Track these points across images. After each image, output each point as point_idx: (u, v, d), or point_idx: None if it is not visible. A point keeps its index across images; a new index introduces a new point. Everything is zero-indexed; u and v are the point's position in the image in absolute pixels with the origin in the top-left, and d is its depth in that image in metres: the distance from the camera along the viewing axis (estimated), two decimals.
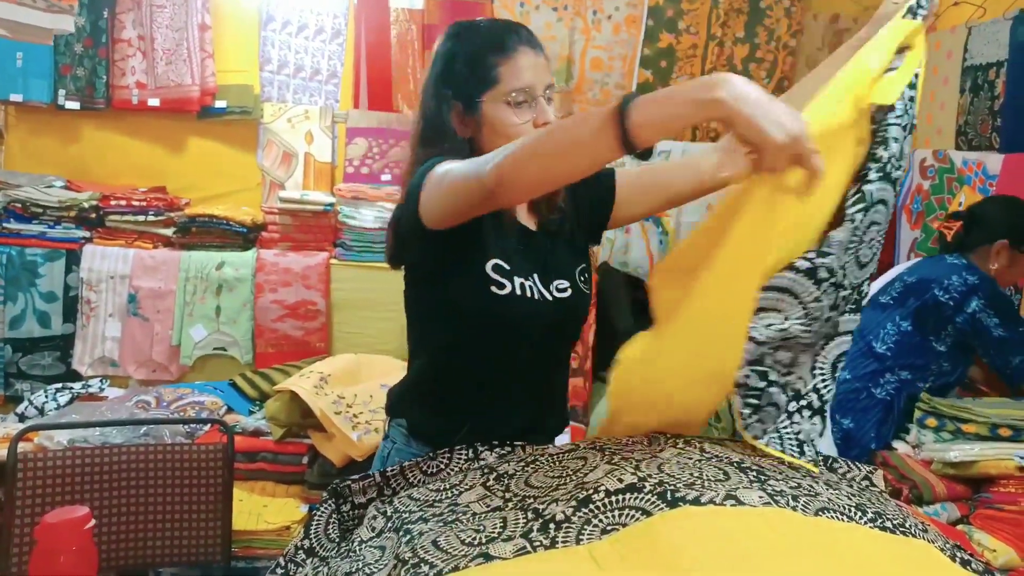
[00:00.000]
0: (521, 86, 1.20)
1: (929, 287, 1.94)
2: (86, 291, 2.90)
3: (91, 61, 3.12)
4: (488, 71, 1.20)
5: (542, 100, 1.21)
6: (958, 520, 1.58)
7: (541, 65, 1.22)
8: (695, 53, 3.37)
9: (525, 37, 1.23)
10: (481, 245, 1.21)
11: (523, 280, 1.22)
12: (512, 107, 1.20)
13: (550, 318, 1.25)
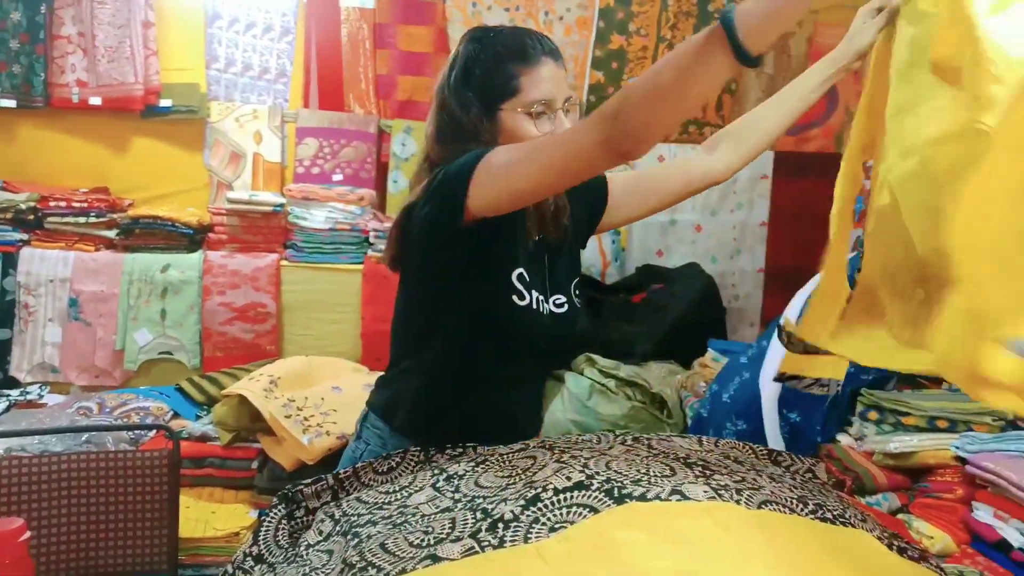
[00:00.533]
0: (541, 97, 1.20)
1: None
2: (24, 295, 2.81)
3: (28, 58, 3.02)
4: (509, 80, 1.20)
5: (561, 113, 1.21)
6: (898, 509, 1.62)
7: (561, 77, 1.22)
8: (645, 55, 3.41)
9: (548, 48, 1.23)
10: (511, 252, 1.21)
11: (537, 294, 1.23)
12: (532, 118, 1.20)
13: (551, 332, 1.26)
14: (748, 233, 3.52)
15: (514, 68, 1.20)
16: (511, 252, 1.21)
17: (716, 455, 1.14)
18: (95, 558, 1.82)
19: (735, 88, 3.48)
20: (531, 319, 1.22)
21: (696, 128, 3.51)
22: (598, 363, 2.83)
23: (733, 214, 3.50)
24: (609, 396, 2.75)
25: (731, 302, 3.47)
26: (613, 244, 3.44)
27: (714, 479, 0.97)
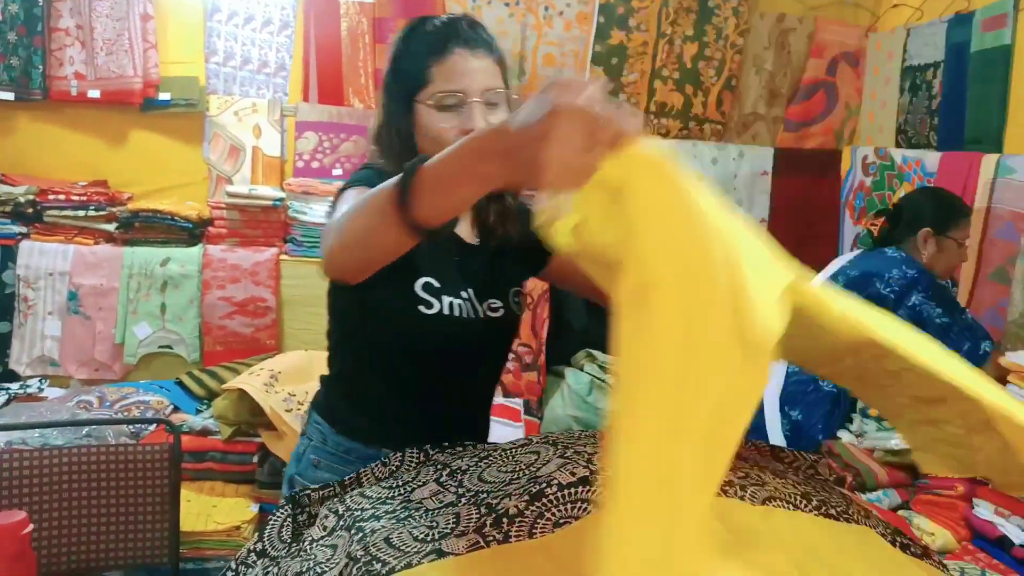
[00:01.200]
0: (449, 89, 1.15)
1: (871, 281, 1.97)
2: (23, 288, 2.80)
3: (26, 50, 3.01)
4: (422, 71, 1.17)
5: (475, 106, 1.15)
6: (899, 506, 1.63)
7: (482, 69, 1.16)
8: (645, 50, 3.41)
9: (467, 38, 1.17)
10: (412, 262, 1.16)
11: (452, 299, 1.19)
12: (438, 110, 1.16)
13: (480, 337, 1.23)
14: None
15: (428, 59, 1.16)
16: (411, 261, 1.14)
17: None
18: (96, 551, 1.82)
19: (735, 85, 3.48)
20: (443, 327, 1.18)
21: (697, 125, 3.51)
22: (598, 359, 2.84)
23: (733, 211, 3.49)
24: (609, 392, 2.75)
25: None
26: None
27: None
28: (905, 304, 1.93)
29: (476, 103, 1.15)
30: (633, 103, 3.45)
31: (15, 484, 1.77)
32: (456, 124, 1.16)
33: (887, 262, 2.01)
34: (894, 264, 1.98)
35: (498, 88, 1.18)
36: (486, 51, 1.18)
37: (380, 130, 1.24)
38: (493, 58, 1.19)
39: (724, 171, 3.45)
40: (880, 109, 3.27)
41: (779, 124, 3.57)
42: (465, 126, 1.15)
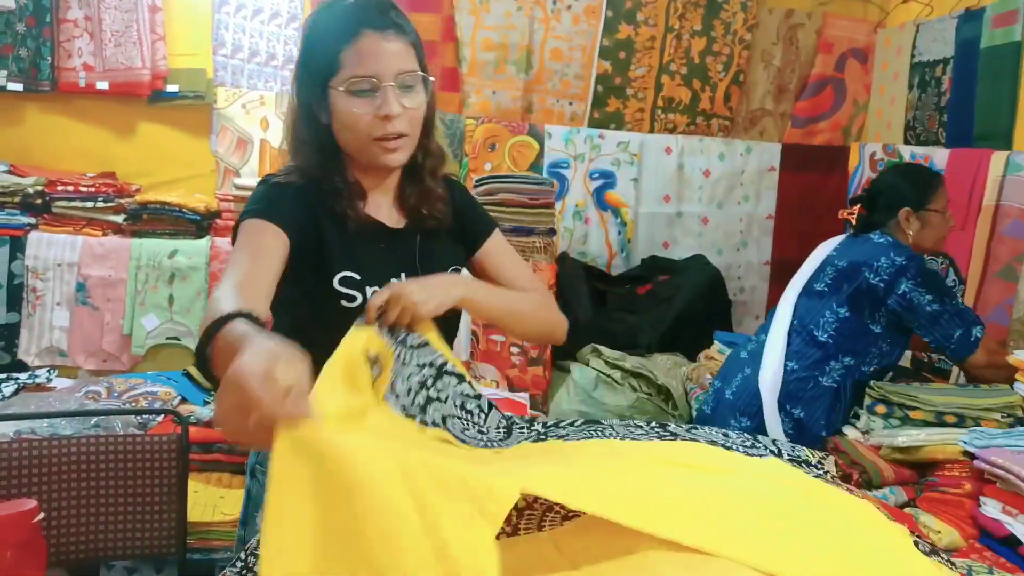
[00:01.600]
0: (362, 73, 1.12)
1: (860, 271, 1.94)
2: (32, 279, 2.81)
3: (35, 41, 3.01)
4: (334, 56, 1.14)
5: (388, 89, 1.12)
6: (905, 503, 1.62)
7: (395, 51, 1.14)
8: (653, 45, 3.40)
9: (374, 19, 1.14)
10: (326, 259, 1.16)
11: (378, 287, 1.15)
12: (352, 95, 1.13)
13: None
14: (755, 225, 3.52)
15: (338, 44, 1.14)
16: (326, 258, 1.16)
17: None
18: (104, 540, 1.83)
19: (742, 81, 3.47)
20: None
21: (704, 120, 3.50)
22: (603, 354, 2.84)
23: (740, 206, 3.49)
24: (615, 387, 2.75)
25: (737, 294, 3.47)
26: (619, 235, 3.44)
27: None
28: (895, 292, 1.89)
29: (390, 87, 1.13)
30: (640, 97, 3.44)
31: (24, 473, 1.77)
32: (370, 110, 1.13)
33: (874, 249, 1.97)
34: (881, 251, 1.95)
35: (412, 71, 1.15)
36: (397, 33, 1.15)
37: (294, 122, 1.21)
38: (406, 40, 1.16)
39: (731, 166, 3.45)
40: (889, 105, 3.26)
41: (787, 120, 3.56)
42: (380, 111, 1.13)
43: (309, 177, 1.20)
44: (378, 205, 1.26)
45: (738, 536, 0.78)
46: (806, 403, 1.96)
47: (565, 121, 3.43)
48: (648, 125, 3.47)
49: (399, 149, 1.17)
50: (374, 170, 1.22)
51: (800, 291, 2.07)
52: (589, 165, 3.37)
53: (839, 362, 1.96)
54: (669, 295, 3.09)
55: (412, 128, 1.18)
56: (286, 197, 1.17)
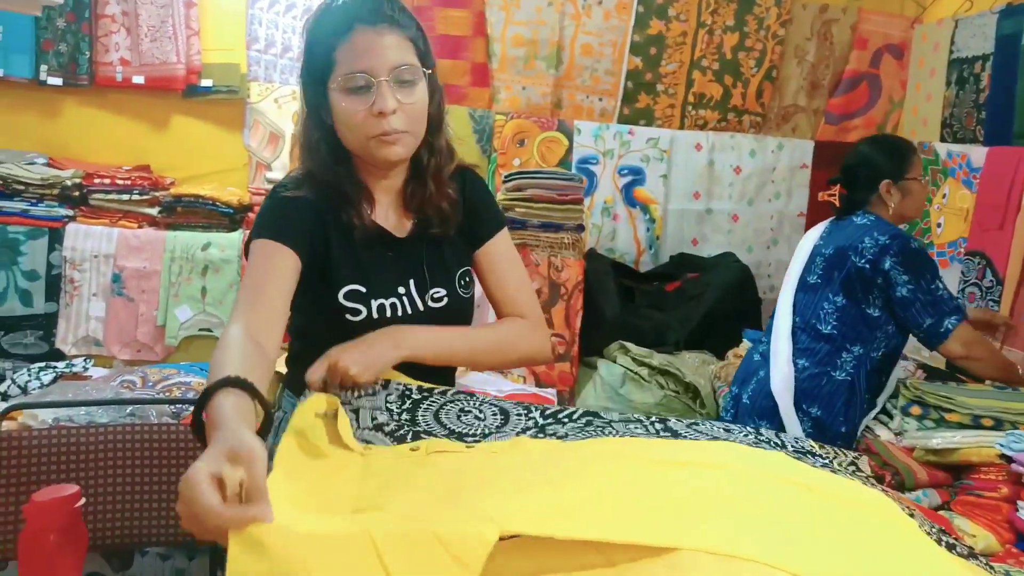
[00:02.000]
0: (354, 69, 1.10)
1: (847, 256, 1.92)
2: (69, 270, 2.87)
3: (74, 37, 3.07)
4: (328, 55, 1.12)
5: (383, 85, 1.10)
6: (939, 506, 1.60)
7: (389, 45, 1.11)
8: (684, 40, 3.37)
9: (366, 15, 1.11)
10: (331, 274, 1.16)
11: (383, 300, 1.17)
12: (347, 93, 1.11)
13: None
14: (786, 223, 3.48)
15: (332, 41, 1.12)
16: (331, 273, 1.16)
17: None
18: (139, 526, 1.86)
19: (775, 76, 3.43)
20: (370, 330, 1.14)
21: (735, 116, 3.47)
22: (631, 351, 2.83)
23: (771, 203, 3.46)
24: (642, 384, 2.74)
25: (766, 292, 3.44)
26: (648, 232, 3.42)
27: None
28: (880, 269, 1.86)
29: (384, 82, 1.10)
30: (671, 93, 3.42)
31: (63, 459, 1.81)
32: (365, 107, 1.11)
33: (857, 231, 1.94)
34: (864, 232, 1.92)
35: (410, 64, 1.13)
36: (391, 26, 1.12)
37: (303, 125, 1.20)
38: (403, 34, 1.13)
39: (762, 163, 3.41)
40: (925, 102, 3.21)
41: (820, 116, 3.51)
42: (375, 108, 1.10)
43: (318, 183, 1.18)
44: (385, 211, 1.24)
45: (747, 536, 0.78)
46: (823, 400, 1.93)
47: (595, 117, 3.42)
48: (678, 121, 3.45)
49: (397, 143, 1.14)
50: (379, 170, 1.21)
51: (795, 286, 2.05)
52: (618, 161, 3.36)
53: (849, 353, 1.93)
54: (698, 292, 3.08)
55: (412, 124, 1.15)
56: (295, 213, 1.16)
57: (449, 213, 1.25)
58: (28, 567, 1.03)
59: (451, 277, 1.25)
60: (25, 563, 1.04)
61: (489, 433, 1.08)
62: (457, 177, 1.29)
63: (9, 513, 1.74)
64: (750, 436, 1.16)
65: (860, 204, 2.03)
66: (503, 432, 1.09)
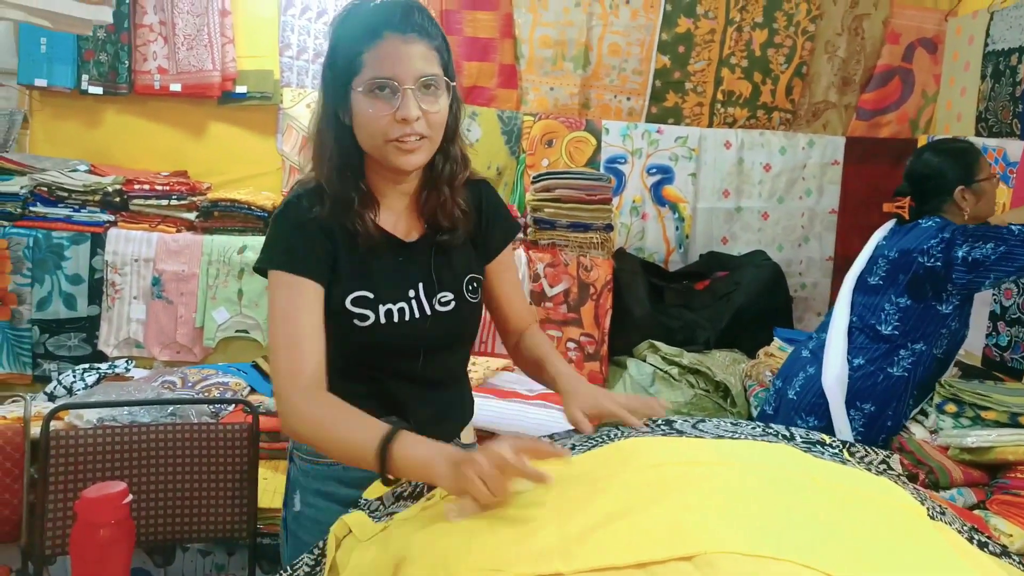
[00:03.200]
0: (380, 75, 1.12)
1: (912, 259, 1.91)
2: (111, 274, 2.95)
3: (113, 47, 3.15)
4: (355, 57, 1.14)
5: (408, 93, 1.12)
6: (974, 505, 1.59)
7: (416, 54, 1.13)
8: (713, 38, 3.36)
9: (398, 22, 1.13)
10: (339, 282, 1.18)
11: (391, 305, 1.19)
12: (372, 97, 1.13)
13: (428, 334, 1.23)
14: (817, 220, 3.45)
15: (360, 46, 1.13)
16: (338, 281, 1.18)
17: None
18: (180, 523, 1.92)
19: (805, 73, 3.41)
20: (382, 334, 1.19)
21: (765, 113, 3.45)
22: (661, 350, 2.84)
23: (802, 201, 3.43)
24: (672, 383, 2.75)
25: (797, 290, 3.42)
26: (677, 231, 3.42)
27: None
28: (956, 265, 1.85)
29: (409, 90, 1.12)
30: (699, 91, 3.41)
31: (108, 457, 1.87)
32: (389, 112, 1.12)
33: (923, 233, 1.94)
34: (929, 234, 1.92)
35: (434, 74, 1.14)
36: (420, 36, 1.14)
37: (319, 123, 1.21)
38: (429, 44, 1.15)
39: (793, 160, 3.39)
40: (959, 97, 3.16)
41: (851, 112, 3.48)
42: (399, 115, 1.12)
43: (326, 188, 1.19)
44: (395, 216, 1.25)
45: (771, 534, 0.78)
46: (877, 396, 1.93)
47: (623, 116, 3.42)
48: (707, 119, 3.44)
49: (416, 150, 1.16)
50: (392, 175, 1.22)
51: (854, 287, 2.04)
52: (647, 160, 3.36)
53: (909, 350, 1.93)
54: (728, 291, 3.07)
55: (432, 131, 1.17)
56: (307, 238, 1.18)
57: (460, 221, 1.26)
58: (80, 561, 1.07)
59: (459, 282, 1.27)
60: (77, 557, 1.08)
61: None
62: (472, 188, 1.31)
63: (59, 510, 1.81)
64: (757, 429, 1.17)
65: (934, 212, 2.03)
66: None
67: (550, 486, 0.93)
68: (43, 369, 2.93)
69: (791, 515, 0.84)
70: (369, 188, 1.22)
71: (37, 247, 2.90)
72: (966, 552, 0.91)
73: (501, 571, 0.76)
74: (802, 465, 0.99)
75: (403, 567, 0.84)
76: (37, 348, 2.92)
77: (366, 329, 1.18)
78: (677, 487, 0.88)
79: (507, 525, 0.87)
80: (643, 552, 0.76)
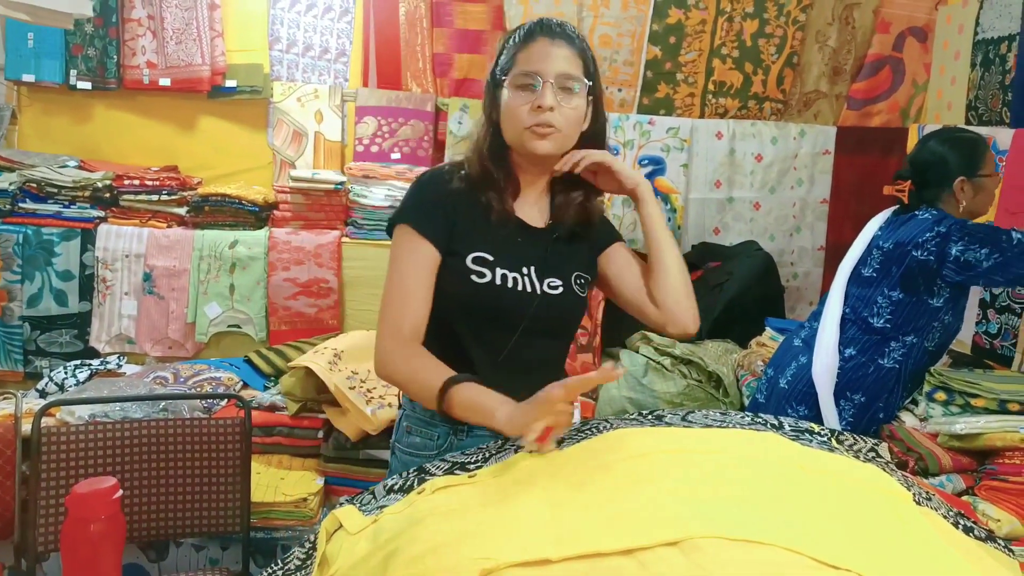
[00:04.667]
0: (528, 69, 1.28)
1: (906, 251, 1.90)
2: (102, 270, 2.94)
3: (102, 41, 3.14)
4: (511, 56, 1.31)
5: (549, 86, 1.26)
6: (963, 491, 1.60)
7: (560, 55, 1.28)
8: (704, 28, 3.35)
9: (550, 29, 1.30)
10: (465, 241, 1.31)
11: (507, 271, 1.31)
12: (516, 89, 1.29)
13: (535, 310, 1.32)
14: (808, 210, 3.45)
15: (517, 45, 1.31)
16: (464, 240, 1.31)
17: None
18: (173, 518, 1.92)
19: (796, 62, 3.41)
20: (497, 294, 1.30)
21: (756, 104, 3.45)
22: (653, 340, 2.84)
23: (793, 191, 3.44)
24: (664, 374, 2.75)
25: (790, 280, 3.42)
26: (669, 222, 3.42)
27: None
28: (948, 261, 1.84)
29: (549, 84, 1.26)
30: (691, 82, 3.41)
31: (100, 454, 1.87)
32: (528, 103, 1.27)
33: (918, 226, 1.93)
34: (925, 227, 1.90)
35: (575, 75, 1.28)
36: (567, 42, 1.30)
37: (478, 122, 1.38)
38: (574, 49, 1.30)
39: (784, 150, 3.39)
40: (949, 85, 3.16)
41: (842, 102, 3.48)
42: (537, 102, 1.26)
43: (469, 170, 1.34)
44: (527, 204, 1.38)
45: (758, 520, 0.79)
46: (867, 387, 1.93)
47: (614, 108, 3.42)
48: (699, 110, 3.43)
49: (547, 136, 1.28)
50: (531, 166, 1.36)
51: (848, 277, 2.03)
52: (639, 152, 3.36)
53: (900, 342, 1.92)
54: (720, 281, 3.07)
55: (566, 125, 1.29)
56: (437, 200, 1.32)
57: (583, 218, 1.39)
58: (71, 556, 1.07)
59: (568, 273, 1.36)
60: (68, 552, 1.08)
61: (490, 456, 1.11)
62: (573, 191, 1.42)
63: (51, 507, 1.80)
64: (746, 419, 1.18)
65: (931, 200, 2.02)
66: (504, 452, 1.11)
67: (538, 478, 0.94)
68: (35, 366, 2.92)
69: (777, 501, 0.84)
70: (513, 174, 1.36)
71: (27, 243, 2.89)
72: (952, 537, 0.92)
73: (491, 559, 0.77)
74: (789, 453, 1.00)
75: (393, 559, 0.85)
76: (28, 345, 2.92)
77: (483, 286, 1.29)
78: (663, 474, 0.89)
79: (497, 515, 0.88)
80: (630, 538, 0.77)
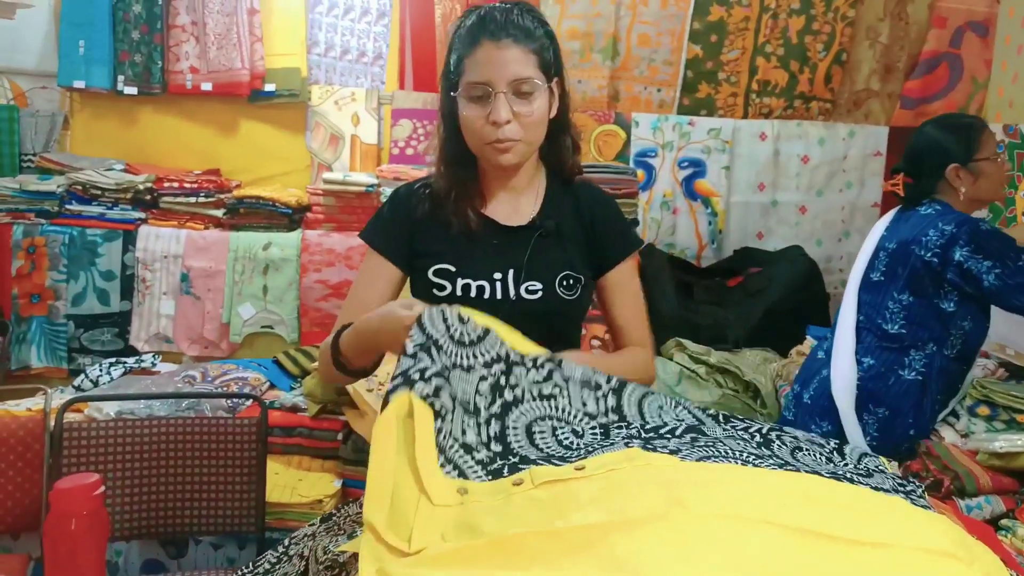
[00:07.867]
0: (475, 80, 1.18)
1: (910, 250, 1.78)
2: (141, 270, 3.01)
3: (147, 47, 3.22)
4: (458, 64, 1.22)
5: (500, 97, 1.17)
6: (1003, 514, 1.49)
7: (509, 59, 1.17)
8: (747, 26, 3.25)
9: (492, 29, 1.19)
10: (428, 255, 1.28)
11: (470, 281, 1.25)
12: (469, 101, 1.20)
13: (504, 318, 1.18)
14: (858, 214, 3.31)
15: (461, 52, 1.21)
16: (425, 253, 1.28)
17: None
18: (192, 516, 1.94)
19: (845, 59, 3.27)
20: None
21: (803, 103, 3.32)
22: (688, 348, 2.75)
23: (842, 194, 3.29)
24: (699, 382, 2.66)
25: (838, 287, 3.28)
26: (710, 226, 3.32)
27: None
28: (951, 262, 1.72)
29: (502, 95, 1.17)
30: (733, 81, 3.30)
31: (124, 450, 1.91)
32: (483, 115, 1.19)
33: (921, 222, 1.81)
34: (929, 223, 1.78)
35: (528, 77, 1.18)
36: (514, 41, 1.18)
37: (437, 124, 1.31)
38: (525, 47, 1.19)
39: (832, 152, 3.25)
40: (1011, 83, 2.98)
41: (895, 101, 3.32)
42: (491, 118, 1.18)
43: (433, 183, 1.30)
44: (501, 203, 1.31)
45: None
46: (890, 401, 1.81)
47: (653, 108, 3.34)
48: (742, 110, 3.33)
49: (510, 151, 1.21)
50: (500, 168, 1.28)
51: (859, 283, 1.92)
52: (678, 154, 3.27)
53: (920, 351, 1.80)
54: (760, 288, 2.96)
55: (526, 133, 1.21)
56: (400, 226, 1.31)
57: (565, 212, 1.31)
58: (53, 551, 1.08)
59: (552, 275, 1.27)
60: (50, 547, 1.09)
61: (593, 450, 0.97)
62: (582, 190, 1.35)
63: None
64: (784, 451, 1.05)
65: (928, 192, 1.89)
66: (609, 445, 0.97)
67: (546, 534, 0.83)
68: (78, 363, 3.01)
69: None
70: (478, 178, 1.30)
71: (72, 244, 2.98)
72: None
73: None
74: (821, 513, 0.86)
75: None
76: (72, 343, 3.01)
77: (442, 299, 1.23)
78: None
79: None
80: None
